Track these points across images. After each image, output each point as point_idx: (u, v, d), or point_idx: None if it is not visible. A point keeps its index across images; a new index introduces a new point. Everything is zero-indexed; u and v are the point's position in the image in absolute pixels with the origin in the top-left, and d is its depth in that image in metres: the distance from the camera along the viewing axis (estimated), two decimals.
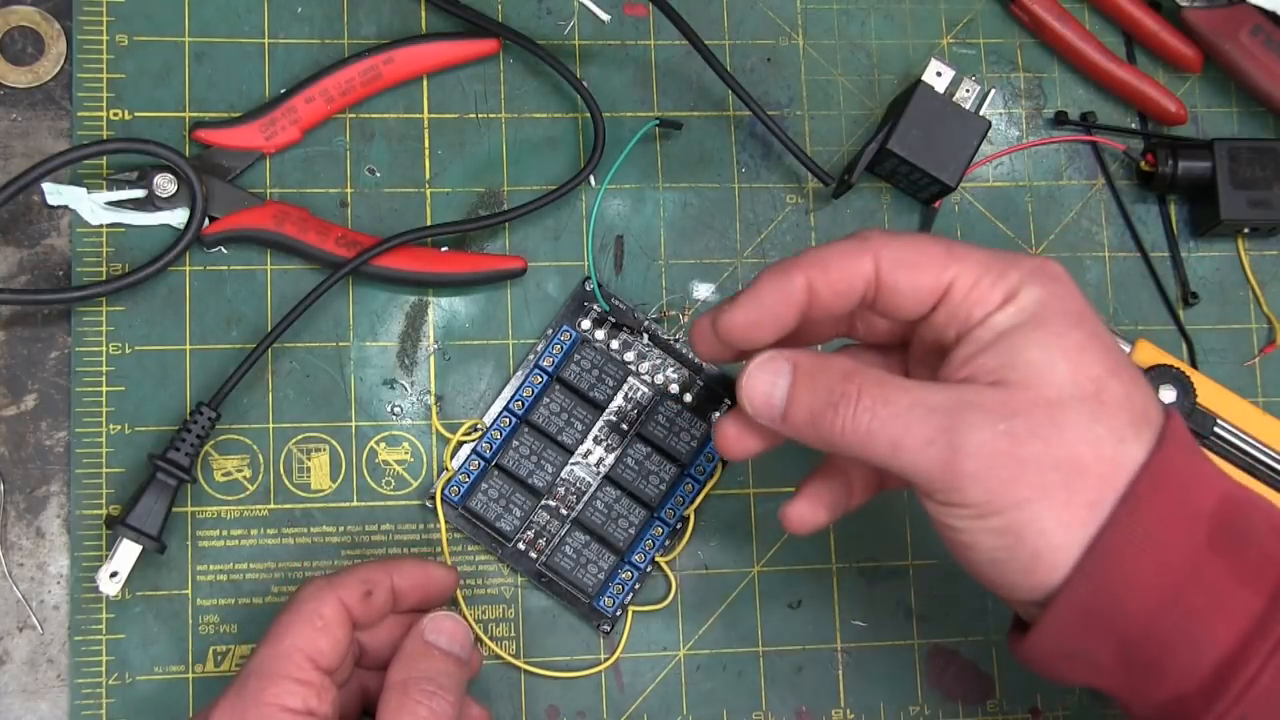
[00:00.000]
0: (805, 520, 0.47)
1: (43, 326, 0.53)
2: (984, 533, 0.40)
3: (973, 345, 0.41)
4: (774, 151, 0.59)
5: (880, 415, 0.41)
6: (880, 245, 0.42)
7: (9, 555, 0.52)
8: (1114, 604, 0.40)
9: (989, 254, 0.42)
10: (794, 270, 0.43)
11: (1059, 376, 0.40)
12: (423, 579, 0.49)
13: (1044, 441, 0.39)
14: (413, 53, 0.56)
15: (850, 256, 0.42)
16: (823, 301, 0.43)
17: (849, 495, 0.47)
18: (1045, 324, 0.41)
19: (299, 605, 0.45)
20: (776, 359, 0.43)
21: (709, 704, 0.55)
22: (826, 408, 0.42)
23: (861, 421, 0.41)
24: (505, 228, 0.57)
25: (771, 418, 0.43)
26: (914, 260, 0.42)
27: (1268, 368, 0.60)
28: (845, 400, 0.41)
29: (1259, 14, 0.60)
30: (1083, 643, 0.41)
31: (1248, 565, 0.40)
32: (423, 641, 0.46)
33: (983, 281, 0.42)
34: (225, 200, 0.54)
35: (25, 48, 0.55)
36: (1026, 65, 0.62)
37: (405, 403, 0.55)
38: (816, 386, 0.42)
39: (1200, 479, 0.41)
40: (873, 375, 0.42)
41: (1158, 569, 0.39)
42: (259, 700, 0.43)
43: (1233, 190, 0.59)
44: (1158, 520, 0.40)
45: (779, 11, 0.60)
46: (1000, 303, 0.41)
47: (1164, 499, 0.40)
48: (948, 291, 0.42)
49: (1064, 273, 0.43)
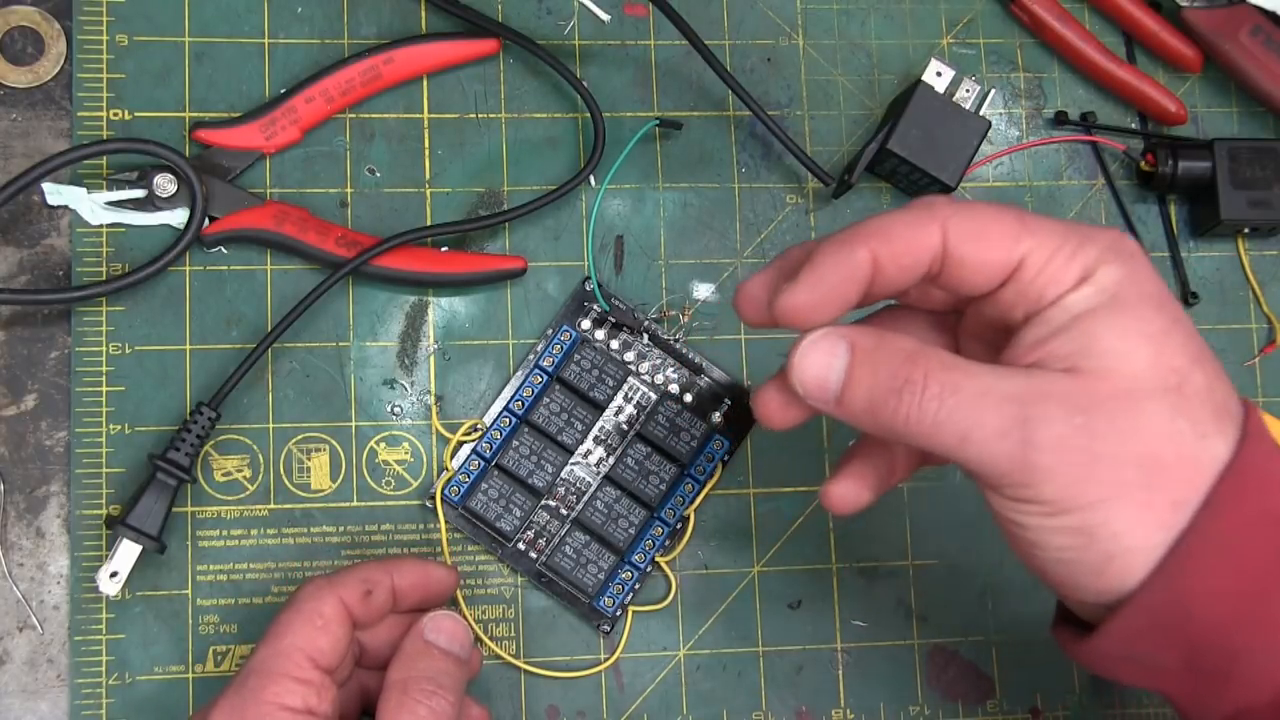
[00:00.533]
0: (847, 500, 0.44)
1: (43, 326, 0.53)
2: (1054, 532, 0.38)
3: (1045, 327, 0.38)
4: (774, 151, 0.59)
5: (948, 404, 0.38)
6: (948, 215, 0.39)
7: (9, 555, 0.52)
8: (1187, 610, 0.38)
9: (1064, 226, 0.39)
10: (857, 243, 0.39)
11: (1139, 366, 0.37)
12: (423, 579, 0.49)
13: (1122, 436, 0.37)
14: (413, 53, 0.56)
15: (916, 227, 0.39)
16: (887, 276, 0.40)
17: (892, 472, 0.45)
18: (1125, 308, 0.38)
19: (299, 604, 0.45)
20: (832, 336, 0.40)
21: (709, 704, 0.55)
22: (889, 394, 0.38)
23: (928, 410, 0.38)
24: (505, 228, 0.57)
25: (825, 400, 0.40)
26: (984, 232, 0.39)
27: (1268, 368, 0.60)
28: (910, 387, 0.38)
29: (1259, 14, 0.60)
30: (1149, 647, 0.39)
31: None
32: (422, 641, 0.46)
33: (1057, 258, 0.38)
34: (225, 200, 0.54)
35: (25, 48, 0.55)
36: (1026, 65, 0.62)
37: (405, 403, 0.55)
38: (878, 370, 0.39)
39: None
40: (938, 358, 0.38)
41: (1237, 576, 0.37)
42: (259, 699, 0.43)
43: (1233, 190, 0.59)
44: (1239, 525, 0.37)
45: (779, 11, 0.60)
46: (1075, 282, 0.38)
47: (1247, 502, 0.37)
48: (1019, 268, 0.39)
49: (1140, 251, 0.39)
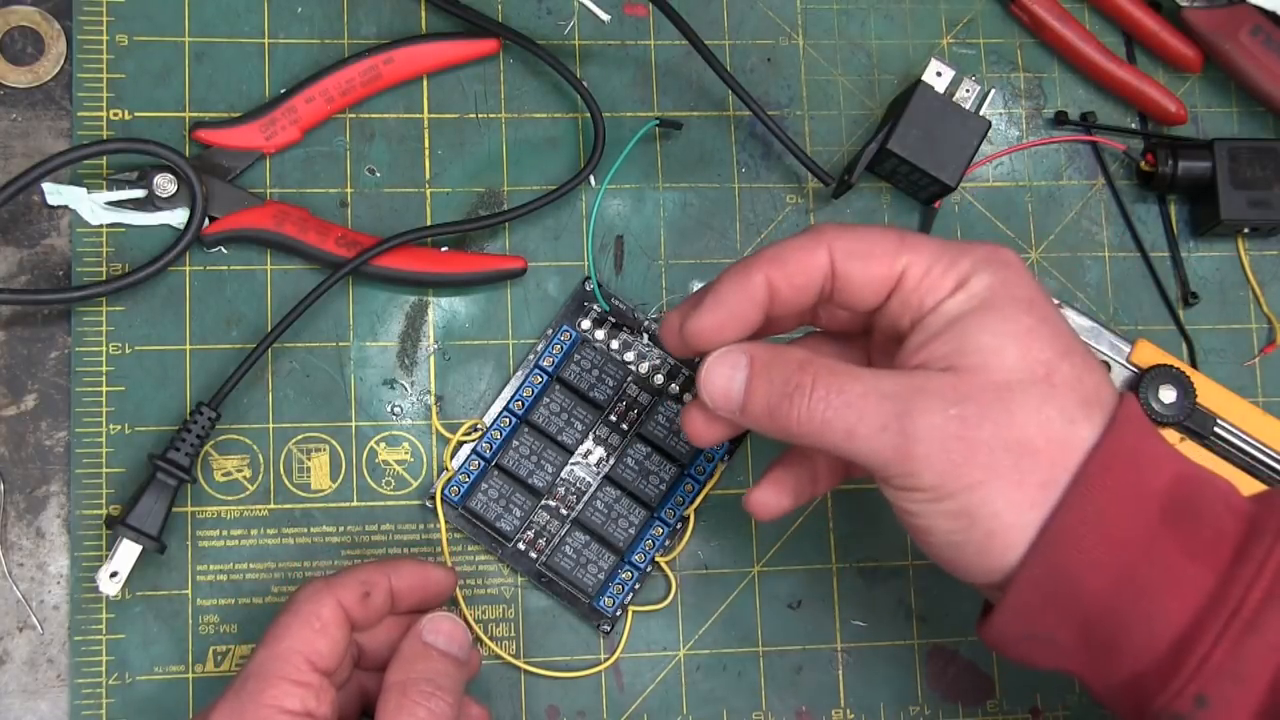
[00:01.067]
0: (768, 506, 0.48)
1: (43, 326, 0.53)
2: (939, 516, 0.41)
3: (925, 332, 0.42)
4: (774, 151, 0.59)
5: (834, 404, 0.41)
6: (833, 237, 0.43)
7: (9, 555, 0.52)
8: (1070, 584, 0.40)
9: (940, 243, 0.43)
10: (753, 269, 0.44)
11: (1009, 360, 0.41)
12: (421, 580, 0.49)
13: (994, 424, 0.40)
14: (413, 53, 0.56)
15: (806, 250, 0.43)
16: (783, 297, 0.44)
17: (813, 482, 0.48)
18: (995, 309, 0.41)
19: (297, 607, 0.45)
20: (733, 352, 0.44)
21: (709, 704, 0.55)
22: (782, 399, 0.42)
23: (816, 410, 0.41)
24: (505, 228, 0.57)
25: (730, 410, 0.44)
26: (867, 250, 0.43)
27: (1268, 368, 0.60)
28: (800, 390, 0.42)
29: (1259, 14, 0.60)
30: (1043, 624, 0.41)
31: (1200, 541, 0.40)
32: (421, 642, 0.46)
33: (934, 269, 0.42)
34: (225, 200, 0.54)
35: (25, 48, 0.55)
36: (1026, 65, 0.62)
37: (405, 403, 0.55)
38: (773, 378, 0.43)
39: (1153, 458, 0.41)
40: (826, 365, 0.42)
41: (1110, 548, 0.40)
42: (257, 702, 0.43)
43: (1233, 190, 0.59)
44: (1109, 499, 0.40)
45: (779, 11, 0.60)
46: (951, 289, 0.42)
47: (1114, 478, 0.40)
48: (900, 280, 0.43)
49: (1015, 258, 0.43)
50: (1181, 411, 0.55)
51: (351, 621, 0.46)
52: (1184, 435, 0.56)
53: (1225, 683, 0.39)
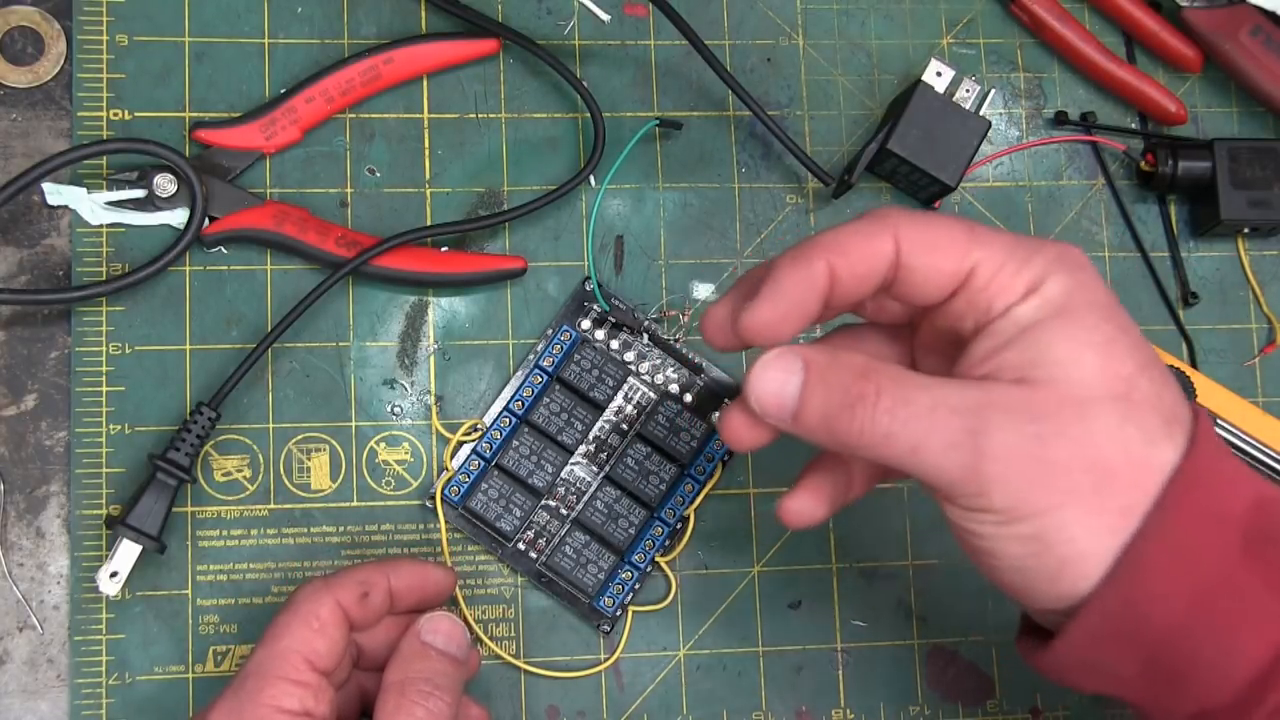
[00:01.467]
0: (803, 515, 0.45)
1: (43, 326, 0.53)
2: (1009, 540, 0.38)
3: (994, 339, 0.39)
4: (774, 151, 0.59)
5: (900, 417, 0.38)
6: (899, 224, 0.40)
7: (9, 555, 0.52)
8: (1142, 615, 0.38)
9: (1012, 239, 0.40)
10: (814, 255, 0.40)
11: (1087, 374, 0.38)
12: (420, 580, 0.49)
13: (1073, 444, 0.38)
14: (413, 53, 0.56)
15: (870, 237, 0.40)
16: (844, 287, 0.41)
17: (849, 488, 0.45)
18: (1072, 318, 0.39)
19: (296, 607, 0.45)
20: (787, 355, 0.41)
21: (709, 704, 0.55)
22: (842, 409, 0.39)
23: (881, 424, 0.39)
24: (505, 228, 0.57)
25: (782, 418, 0.41)
26: (935, 242, 0.40)
27: (1268, 368, 0.60)
28: (863, 402, 0.39)
29: (1259, 14, 0.60)
30: (1106, 653, 0.39)
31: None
32: (419, 642, 0.46)
33: (1006, 269, 0.39)
34: (225, 200, 0.54)
35: (25, 48, 0.55)
36: (1026, 65, 0.62)
37: (405, 403, 0.55)
38: (831, 386, 0.40)
39: (1232, 482, 0.39)
40: (890, 373, 0.39)
41: (1189, 579, 0.38)
42: (256, 701, 0.43)
43: (1233, 190, 0.59)
44: (1190, 528, 0.38)
45: (779, 11, 0.60)
46: (1024, 293, 0.39)
47: (1197, 505, 0.38)
48: (969, 278, 0.40)
49: (1088, 261, 0.40)
50: None
51: (350, 621, 0.46)
52: None
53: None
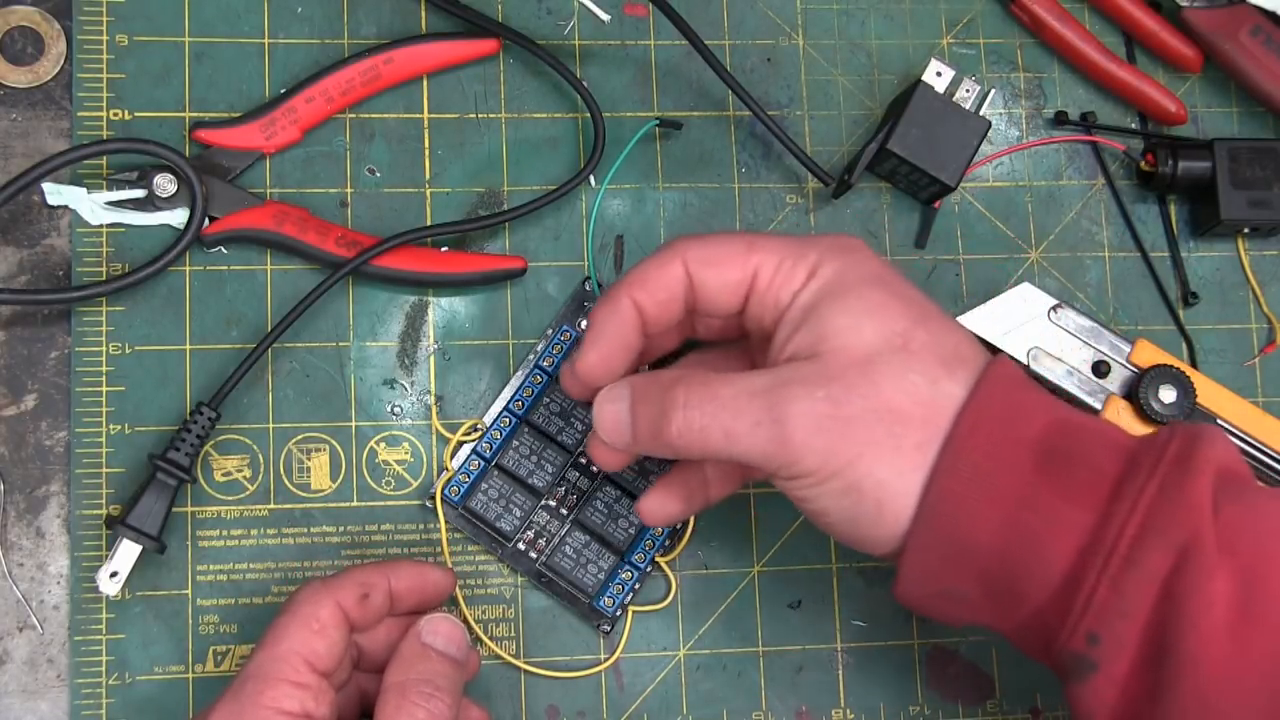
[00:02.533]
0: (656, 513, 0.49)
1: (43, 326, 0.53)
2: (829, 496, 0.42)
3: (787, 327, 0.44)
4: (774, 151, 0.59)
5: (708, 410, 0.43)
6: (686, 248, 0.45)
7: (9, 555, 0.52)
8: (960, 538, 0.42)
9: (788, 239, 0.45)
10: (619, 294, 0.46)
11: (866, 336, 0.42)
12: (420, 581, 0.49)
13: (862, 397, 0.41)
14: (413, 53, 0.56)
15: (662, 266, 0.45)
16: (652, 315, 0.46)
17: (705, 488, 0.50)
18: (846, 291, 0.43)
19: (295, 608, 0.45)
20: (616, 386, 0.46)
21: (709, 704, 0.55)
22: (661, 416, 0.44)
23: (694, 421, 0.43)
24: (505, 228, 0.57)
25: (623, 441, 0.46)
26: (717, 257, 0.45)
27: (1268, 368, 0.60)
28: (674, 405, 0.43)
29: (1259, 14, 0.60)
30: (946, 581, 0.43)
31: (1077, 484, 0.41)
32: (419, 643, 0.46)
33: (784, 265, 0.44)
34: (225, 200, 0.54)
35: (25, 48, 0.55)
36: (1026, 65, 0.62)
37: (405, 403, 0.55)
38: (650, 400, 0.44)
39: (1025, 409, 0.42)
40: (697, 377, 0.44)
41: (991, 499, 0.41)
42: (256, 703, 0.43)
43: (1233, 190, 0.59)
44: (982, 453, 0.41)
45: (779, 11, 0.60)
46: (804, 281, 0.44)
47: (985, 431, 0.41)
48: (754, 281, 0.44)
49: (860, 244, 0.45)
50: (1181, 411, 0.55)
51: (350, 623, 0.46)
52: None
53: (1112, 618, 0.40)
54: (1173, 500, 0.40)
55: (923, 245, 0.59)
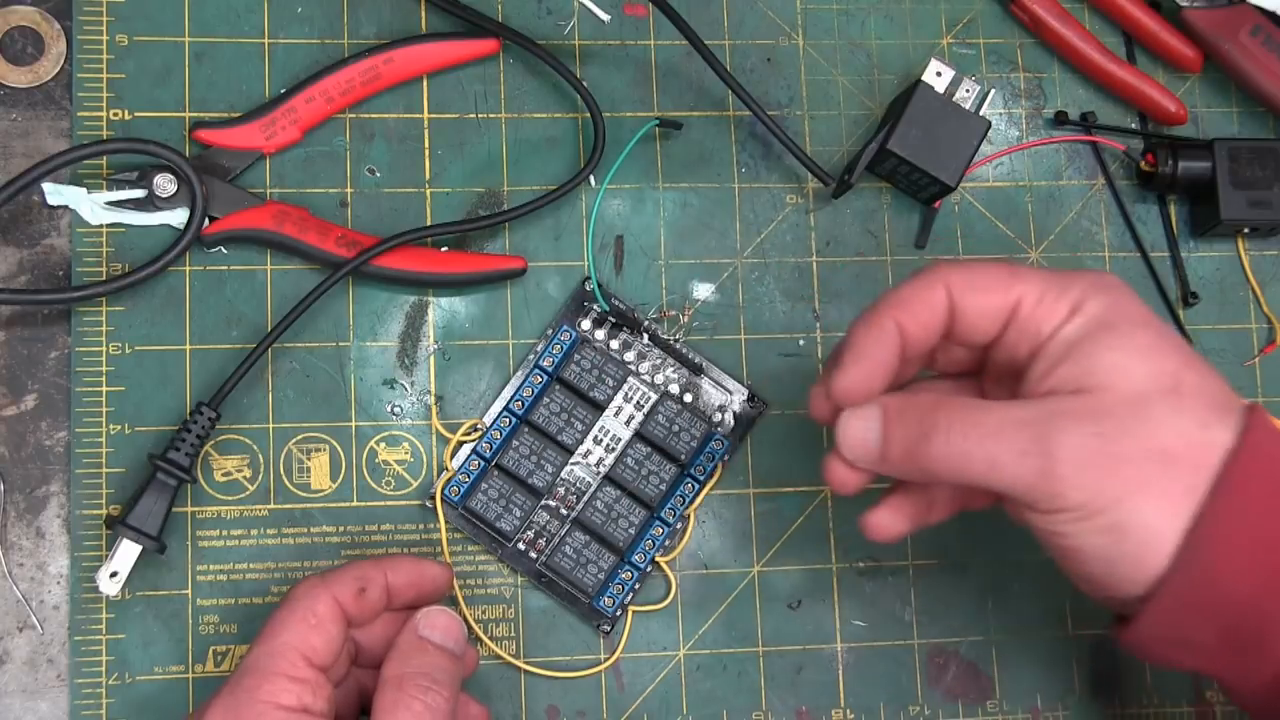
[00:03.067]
0: (884, 529, 0.48)
1: (43, 326, 0.53)
2: (1089, 534, 0.41)
3: (1048, 360, 0.43)
4: (774, 151, 0.59)
5: (973, 437, 0.42)
6: (948, 273, 0.45)
7: (9, 555, 0.52)
8: (1215, 586, 0.41)
9: (1049, 272, 0.45)
10: (882, 315, 0.45)
11: (1136, 375, 0.42)
12: (417, 576, 0.49)
13: (1133, 437, 0.41)
14: (413, 53, 0.56)
15: (926, 289, 0.45)
16: (913, 338, 0.45)
17: (929, 510, 0.49)
18: (1114, 329, 0.42)
19: (293, 603, 0.45)
20: (866, 405, 0.45)
21: (709, 704, 0.55)
22: (920, 439, 0.43)
23: (955, 446, 0.42)
24: (505, 228, 0.57)
25: (870, 460, 0.45)
26: (981, 284, 0.44)
27: (1268, 368, 0.60)
28: (936, 429, 0.43)
29: (1259, 14, 0.60)
30: (1188, 627, 0.42)
31: None
32: (416, 637, 0.46)
33: (1047, 297, 0.44)
34: (225, 200, 0.54)
35: (25, 48, 0.55)
36: (1026, 65, 0.62)
37: (405, 403, 0.55)
38: (907, 422, 0.44)
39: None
40: (958, 402, 0.44)
41: (1255, 549, 0.41)
42: (254, 698, 0.43)
43: (1233, 190, 0.59)
44: (1252, 501, 0.41)
45: (779, 11, 0.60)
46: (1067, 315, 0.43)
47: (1256, 480, 0.41)
48: (1015, 309, 0.44)
49: (1121, 282, 0.44)
50: None
51: (348, 617, 0.46)
52: None
53: None
54: None
55: (923, 245, 0.59)
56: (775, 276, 0.58)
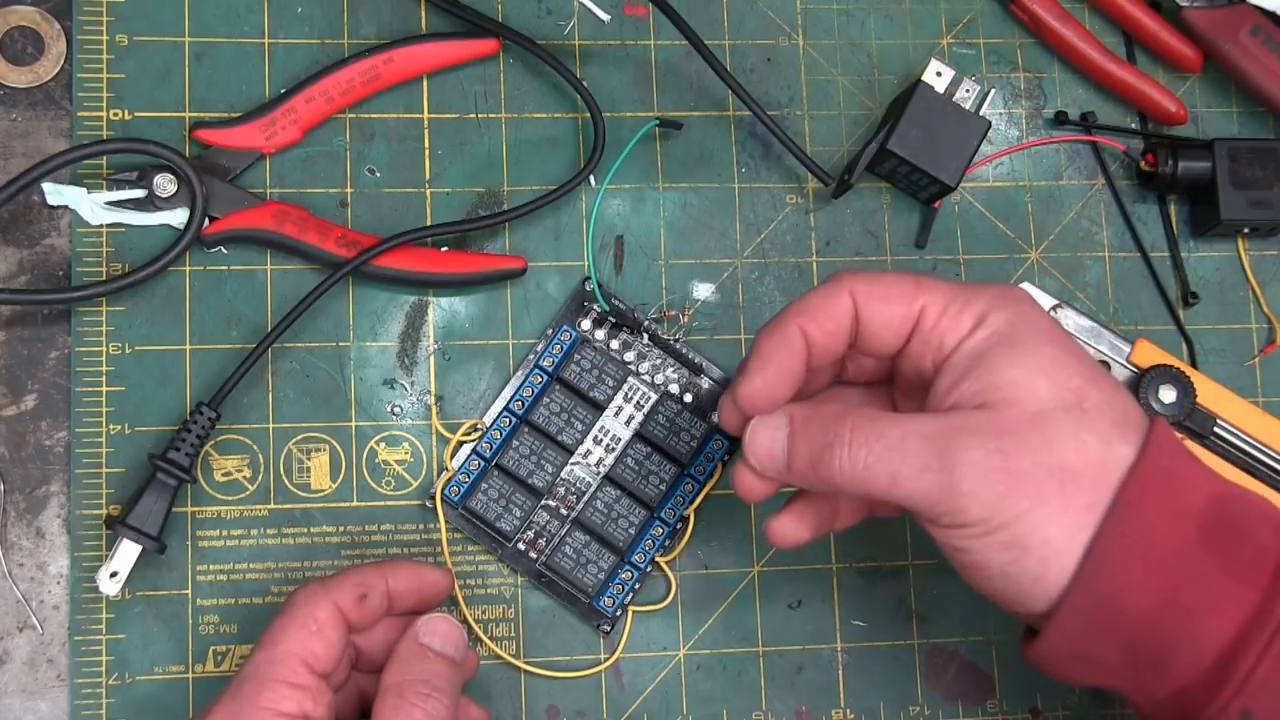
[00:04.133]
0: (787, 535, 0.48)
1: (43, 326, 0.53)
2: (991, 549, 0.41)
3: (952, 373, 0.43)
4: (774, 151, 0.59)
5: (875, 450, 0.42)
6: (853, 282, 0.45)
7: (9, 555, 0.52)
8: (1115, 604, 0.41)
9: (954, 284, 0.44)
10: (787, 322, 0.45)
11: (1039, 390, 0.42)
12: (418, 581, 0.49)
13: (1034, 452, 0.41)
14: (413, 53, 0.56)
15: (830, 297, 0.45)
16: (818, 346, 0.45)
17: (834, 517, 0.49)
18: (1018, 343, 0.42)
19: (294, 609, 0.45)
20: (774, 414, 0.45)
21: (709, 704, 0.55)
22: (823, 450, 0.43)
23: (859, 458, 0.42)
24: (505, 228, 0.57)
25: (777, 470, 0.45)
26: (885, 293, 0.44)
27: (1268, 368, 0.60)
28: (839, 441, 0.43)
29: (1259, 14, 0.60)
30: (1090, 644, 0.42)
31: (1241, 560, 0.41)
32: (417, 644, 0.46)
33: (950, 309, 0.44)
34: (225, 200, 0.54)
35: (25, 48, 0.55)
36: (1026, 65, 0.62)
37: (405, 403, 0.55)
38: (811, 434, 0.44)
39: (1189, 479, 0.42)
40: (863, 414, 0.43)
41: (1152, 569, 0.41)
42: (254, 705, 0.43)
43: (1233, 190, 0.59)
44: (1148, 521, 0.41)
45: (779, 11, 0.60)
46: (970, 328, 0.43)
47: (1153, 499, 0.41)
48: (919, 320, 0.44)
49: (1027, 296, 0.44)
50: (1181, 411, 0.55)
51: (348, 623, 0.46)
52: (1184, 435, 0.56)
53: (1269, 697, 0.40)
54: None
55: (923, 245, 0.59)
56: (775, 276, 0.58)
